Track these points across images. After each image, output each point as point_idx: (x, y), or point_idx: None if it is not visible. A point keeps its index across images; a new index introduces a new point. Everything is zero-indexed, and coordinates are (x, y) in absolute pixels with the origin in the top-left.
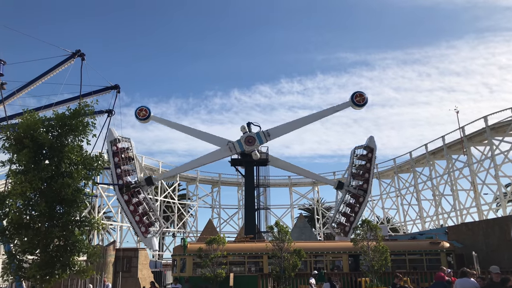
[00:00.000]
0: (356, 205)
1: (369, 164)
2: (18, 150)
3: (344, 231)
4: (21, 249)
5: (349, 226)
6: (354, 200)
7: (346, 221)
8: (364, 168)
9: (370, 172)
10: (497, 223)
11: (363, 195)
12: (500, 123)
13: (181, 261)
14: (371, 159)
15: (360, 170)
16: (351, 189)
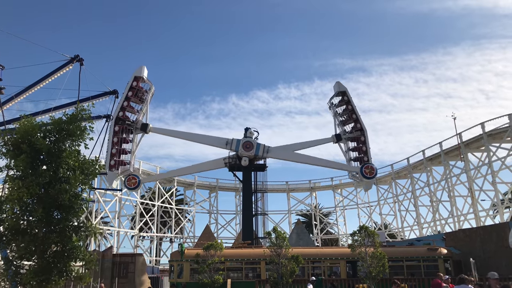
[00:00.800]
0: (360, 145)
1: (350, 105)
2: (16, 156)
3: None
4: (17, 255)
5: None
6: (356, 142)
7: (362, 162)
8: (348, 111)
9: (355, 111)
10: (495, 229)
11: (361, 134)
12: (497, 130)
13: (178, 267)
14: (349, 100)
15: (345, 115)
16: (349, 134)
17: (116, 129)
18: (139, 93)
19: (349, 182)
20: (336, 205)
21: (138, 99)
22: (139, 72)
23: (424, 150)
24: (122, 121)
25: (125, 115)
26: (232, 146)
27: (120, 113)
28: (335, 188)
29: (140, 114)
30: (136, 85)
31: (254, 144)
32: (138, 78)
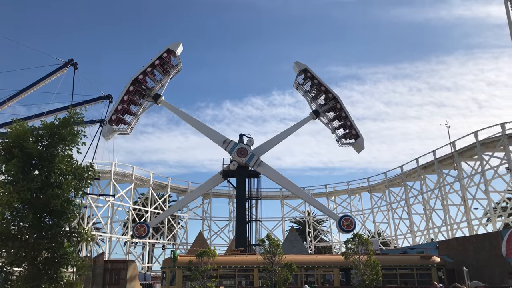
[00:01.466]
0: (339, 112)
1: (315, 80)
2: (7, 160)
3: (351, 134)
4: (7, 261)
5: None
6: (334, 111)
7: (346, 128)
8: (315, 85)
9: (322, 83)
10: (488, 238)
11: (336, 102)
12: (490, 139)
13: (171, 274)
14: (312, 75)
15: (314, 90)
16: (324, 106)
17: (131, 88)
18: (166, 65)
19: (343, 190)
20: None
21: (162, 70)
22: (174, 46)
23: (417, 158)
24: (139, 84)
25: (144, 79)
26: (228, 147)
27: (141, 76)
28: (329, 195)
29: (158, 84)
30: (167, 56)
31: (249, 152)
32: (171, 51)
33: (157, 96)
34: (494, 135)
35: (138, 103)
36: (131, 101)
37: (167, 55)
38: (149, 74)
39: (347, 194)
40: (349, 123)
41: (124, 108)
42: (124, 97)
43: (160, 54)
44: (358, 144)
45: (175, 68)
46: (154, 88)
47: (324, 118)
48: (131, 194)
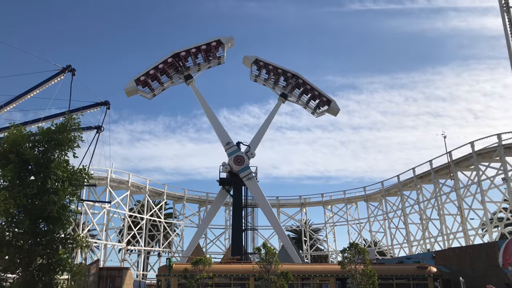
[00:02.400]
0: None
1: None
2: (3, 166)
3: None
4: (2, 267)
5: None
6: (298, 87)
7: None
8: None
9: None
10: (484, 248)
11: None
12: (486, 149)
13: (166, 282)
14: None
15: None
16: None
17: (169, 60)
18: (210, 53)
19: (340, 199)
20: (326, 221)
21: (205, 56)
22: (225, 40)
23: (414, 168)
24: (179, 59)
25: (185, 57)
26: (229, 149)
27: (183, 53)
28: (325, 204)
29: (195, 67)
30: (215, 45)
31: (245, 163)
32: (221, 43)
33: (190, 76)
34: (491, 146)
35: (170, 75)
36: (164, 71)
37: (216, 45)
38: (192, 54)
39: (343, 203)
40: (317, 93)
41: (155, 75)
42: (159, 65)
43: (210, 41)
44: (333, 108)
45: (217, 59)
46: (190, 68)
47: (292, 97)
48: (127, 201)
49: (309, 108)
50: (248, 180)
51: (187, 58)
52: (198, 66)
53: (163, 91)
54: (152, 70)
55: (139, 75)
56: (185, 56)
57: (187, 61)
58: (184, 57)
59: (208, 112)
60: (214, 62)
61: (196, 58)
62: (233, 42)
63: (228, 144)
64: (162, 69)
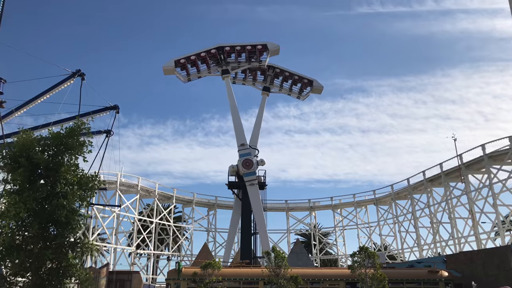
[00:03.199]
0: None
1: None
2: (13, 169)
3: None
4: (12, 271)
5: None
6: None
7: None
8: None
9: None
10: (497, 252)
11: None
12: (498, 152)
13: (175, 286)
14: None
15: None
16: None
17: (212, 51)
18: (254, 55)
19: (349, 202)
20: (335, 225)
21: (248, 56)
22: (272, 46)
23: (424, 171)
24: (222, 53)
25: (229, 53)
26: (242, 151)
27: (228, 48)
28: (334, 207)
29: (235, 64)
30: (261, 49)
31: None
32: (266, 48)
33: (227, 71)
34: (502, 148)
35: (209, 65)
36: (205, 60)
37: (262, 48)
38: (236, 51)
39: (353, 207)
40: (297, 77)
41: (195, 61)
42: (202, 53)
43: (256, 43)
44: (316, 87)
45: (259, 62)
46: (230, 64)
47: (274, 88)
48: (137, 205)
49: (293, 93)
50: (251, 186)
51: (230, 53)
52: (238, 64)
53: (198, 79)
54: (193, 56)
55: (179, 57)
56: (228, 51)
57: (229, 57)
58: (228, 52)
59: (234, 109)
60: (255, 63)
61: (239, 56)
62: (279, 51)
63: (243, 146)
64: (204, 57)
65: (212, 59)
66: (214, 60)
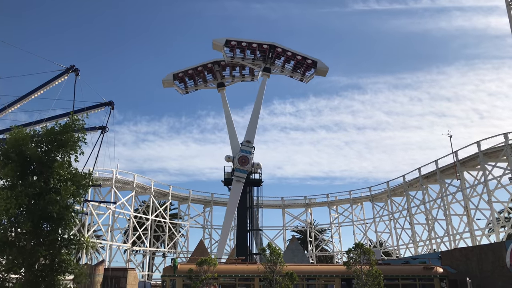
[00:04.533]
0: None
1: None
2: (5, 165)
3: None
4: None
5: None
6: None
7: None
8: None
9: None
10: (491, 249)
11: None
12: (493, 149)
13: (171, 282)
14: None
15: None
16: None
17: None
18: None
19: (345, 199)
20: (331, 222)
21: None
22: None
23: (420, 168)
24: (217, 66)
25: (224, 68)
26: (246, 147)
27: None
28: (330, 204)
29: (230, 78)
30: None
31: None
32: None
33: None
34: (497, 145)
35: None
36: (201, 74)
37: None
38: (231, 66)
39: (349, 204)
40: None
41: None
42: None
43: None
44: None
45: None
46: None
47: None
48: (132, 202)
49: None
50: (236, 182)
51: (226, 68)
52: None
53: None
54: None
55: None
56: (224, 66)
57: (224, 70)
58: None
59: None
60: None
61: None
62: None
63: (248, 143)
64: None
65: (209, 72)
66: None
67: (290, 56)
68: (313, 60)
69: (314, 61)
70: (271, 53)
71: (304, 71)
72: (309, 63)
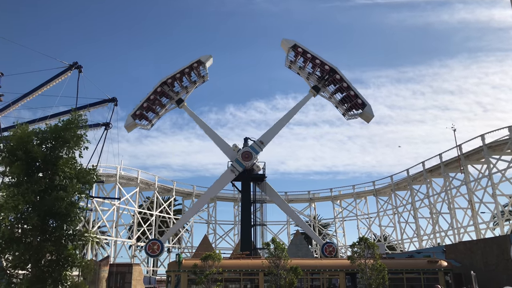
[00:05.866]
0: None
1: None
2: (11, 163)
3: (356, 104)
4: (12, 264)
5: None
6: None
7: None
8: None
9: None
10: (496, 242)
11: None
12: (497, 142)
13: (176, 278)
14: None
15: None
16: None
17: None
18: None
19: (349, 193)
20: (335, 216)
21: (189, 78)
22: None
23: (423, 162)
24: (167, 87)
25: (172, 83)
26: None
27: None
28: (334, 199)
29: (183, 90)
30: (196, 66)
31: (249, 150)
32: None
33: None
34: (501, 138)
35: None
36: (156, 101)
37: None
38: (177, 79)
39: (352, 198)
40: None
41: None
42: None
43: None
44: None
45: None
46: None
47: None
48: (136, 198)
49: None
50: (230, 171)
51: (174, 83)
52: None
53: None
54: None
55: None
56: (171, 83)
57: (174, 87)
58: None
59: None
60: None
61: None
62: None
63: (262, 144)
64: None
65: (162, 96)
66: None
67: (345, 87)
68: (363, 102)
69: (364, 103)
70: (328, 76)
71: (350, 108)
72: (358, 102)
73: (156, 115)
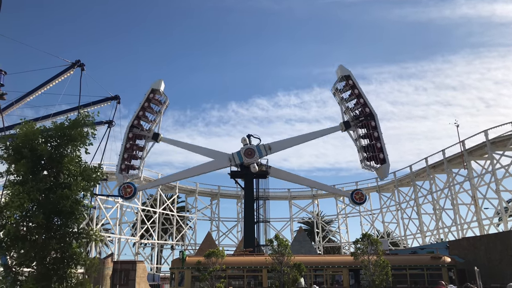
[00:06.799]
0: (372, 131)
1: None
2: (17, 160)
3: (379, 159)
4: (17, 261)
5: (381, 151)
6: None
7: (375, 149)
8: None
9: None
10: (499, 238)
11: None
12: (501, 137)
13: (180, 275)
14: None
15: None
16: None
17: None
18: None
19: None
20: (338, 213)
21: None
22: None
23: (427, 158)
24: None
25: (139, 123)
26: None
27: (135, 121)
28: (337, 195)
29: (153, 124)
30: (153, 96)
31: (253, 148)
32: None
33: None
34: (505, 134)
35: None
36: (134, 147)
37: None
38: (142, 117)
39: None
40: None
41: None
42: (126, 144)
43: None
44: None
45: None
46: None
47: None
48: (140, 195)
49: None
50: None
51: (140, 123)
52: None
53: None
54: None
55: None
56: (138, 123)
57: (143, 125)
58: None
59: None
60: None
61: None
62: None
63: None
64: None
65: (136, 140)
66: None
67: (374, 137)
68: (385, 159)
69: (385, 160)
70: (364, 118)
71: (370, 158)
72: (380, 157)
73: (140, 159)
